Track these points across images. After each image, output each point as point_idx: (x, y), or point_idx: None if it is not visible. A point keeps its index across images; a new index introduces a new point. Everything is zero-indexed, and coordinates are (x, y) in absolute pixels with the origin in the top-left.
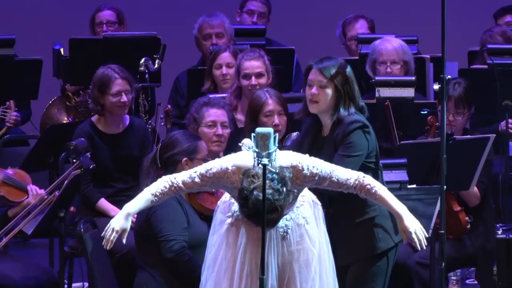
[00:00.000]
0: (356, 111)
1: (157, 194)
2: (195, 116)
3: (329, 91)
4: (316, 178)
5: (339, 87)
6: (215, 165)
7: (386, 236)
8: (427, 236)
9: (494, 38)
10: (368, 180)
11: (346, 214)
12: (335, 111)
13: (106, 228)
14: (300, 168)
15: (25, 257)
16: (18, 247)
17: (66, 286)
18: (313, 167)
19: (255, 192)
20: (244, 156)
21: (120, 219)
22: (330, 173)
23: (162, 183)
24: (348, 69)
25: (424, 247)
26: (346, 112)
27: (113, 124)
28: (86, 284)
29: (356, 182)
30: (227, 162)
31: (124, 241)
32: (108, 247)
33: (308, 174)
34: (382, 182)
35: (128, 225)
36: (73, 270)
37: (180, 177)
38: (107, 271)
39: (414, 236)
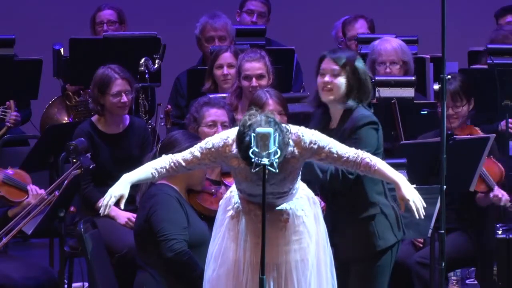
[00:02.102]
0: (366, 105)
1: (157, 168)
2: (196, 116)
3: (342, 80)
4: (315, 147)
5: (351, 77)
6: (214, 137)
7: (386, 234)
8: (425, 206)
9: (506, 38)
10: (367, 154)
11: (347, 210)
12: (346, 100)
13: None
14: (299, 134)
15: (25, 257)
16: (18, 247)
17: (66, 286)
18: (312, 135)
19: (251, 129)
20: None
21: (118, 186)
22: (329, 144)
23: (163, 159)
24: (361, 62)
25: (422, 216)
26: (356, 104)
27: (113, 124)
28: (86, 284)
29: (355, 156)
30: (227, 133)
31: (122, 206)
32: (104, 212)
33: (307, 141)
34: (383, 182)
35: (126, 192)
36: (73, 270)
37: (180, 154)
38: (107, 271)
39: (412, 203)
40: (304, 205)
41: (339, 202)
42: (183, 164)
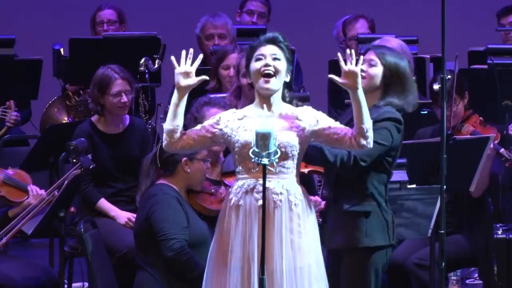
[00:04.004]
0: (399, 108)
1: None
2: (196, 116)
3: (378, 71)
4: (319, 115)
5: (388, 73)
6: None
7: (374, 234)
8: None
9: None
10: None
11: (344, 200)
12: (379, 96)
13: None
14: (305, 107)
15: (25, 257)
16: (18, 247)
17: (66, 286)
18: (316, 111)
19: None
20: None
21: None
22: (332, 119)
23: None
24: (405, 63)
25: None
26: (389, 101)
27: (113, 124)
28: (86, 284)
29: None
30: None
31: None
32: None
33: (311, 110)
34: (386, 186)
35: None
36: (73, 270)
37: (190, 130)
38: (107, 271)
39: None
40: (299, 196)
41: (340, 192)
42: (192, 136)
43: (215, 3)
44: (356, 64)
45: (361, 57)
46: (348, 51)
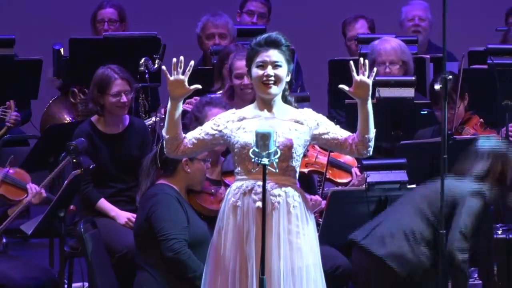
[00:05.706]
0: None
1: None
2: (197, 115)
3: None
4: (320, 118)
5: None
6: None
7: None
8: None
9: None
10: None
11: None
12: None
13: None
14: (306, 109)
15: (25, 257)
16: (18, 247)
17: (66, 286)
18: (316, 114)
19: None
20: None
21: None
22: (332, 124)
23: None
24: None
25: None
26: None
27: (113, 124)
28: (86, 284)
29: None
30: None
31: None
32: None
33: (312, 114)
34: None
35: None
36: (73, 270)
37: (190, 134)
38: (107, 271)
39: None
40: (297, 196)
41: None
42: (194, 140)
43: (215, 3)
44: (369, 76)
45: (375, 69)
46: (361, 60)
